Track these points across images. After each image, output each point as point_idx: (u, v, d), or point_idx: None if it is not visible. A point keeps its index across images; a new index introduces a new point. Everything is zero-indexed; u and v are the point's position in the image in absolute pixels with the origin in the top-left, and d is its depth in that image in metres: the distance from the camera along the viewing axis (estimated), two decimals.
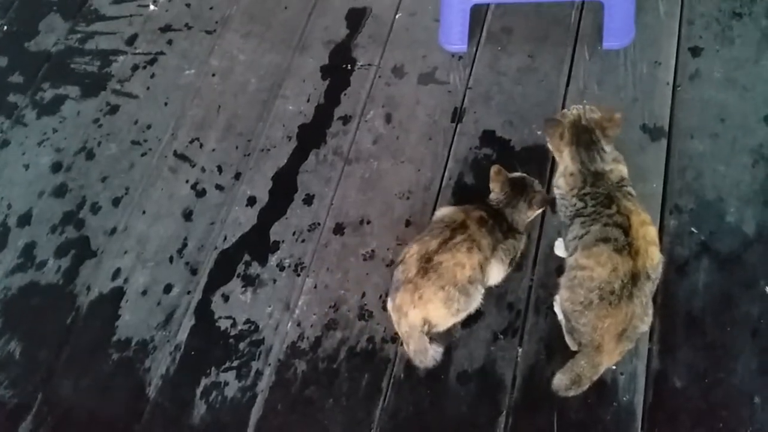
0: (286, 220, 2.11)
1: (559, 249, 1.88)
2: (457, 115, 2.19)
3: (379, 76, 2.32)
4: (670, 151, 2.00)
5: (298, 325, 1.94)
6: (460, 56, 2.31)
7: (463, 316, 1.75)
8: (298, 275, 2.01)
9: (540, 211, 1.83)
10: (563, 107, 2.13)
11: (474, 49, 2.31)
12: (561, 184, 1.72)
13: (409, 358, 1.74)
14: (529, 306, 1.87)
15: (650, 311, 1.61)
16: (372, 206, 2.09)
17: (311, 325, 1.93)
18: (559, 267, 1.85)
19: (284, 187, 2.17)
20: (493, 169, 1.78)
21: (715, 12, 2.23)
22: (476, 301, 1.74)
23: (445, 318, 1.74)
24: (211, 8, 2.59)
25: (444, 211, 1.77)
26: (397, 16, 2.44)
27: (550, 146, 1.74)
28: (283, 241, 2.07)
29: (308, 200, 2.13)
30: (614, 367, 1.73)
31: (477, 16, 2.35)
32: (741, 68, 2.11)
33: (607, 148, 1.66)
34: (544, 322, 1.83)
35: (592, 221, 1.62)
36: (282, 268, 2.03)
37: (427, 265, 1.66)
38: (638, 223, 1.56)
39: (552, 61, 2.23)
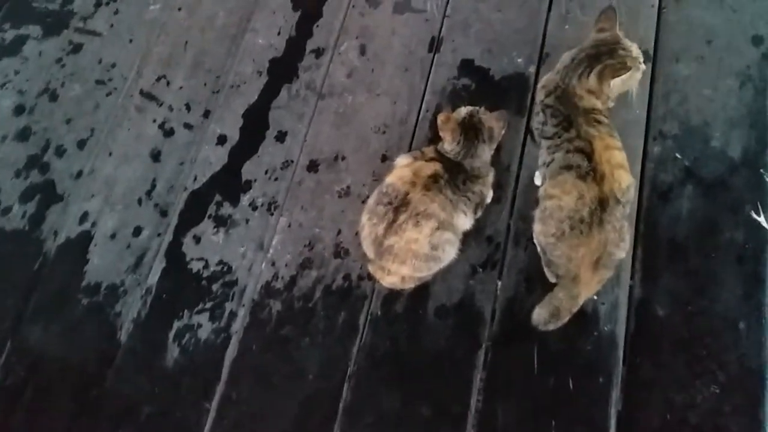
0: (258, 158, 2.02)
1: (540, 179, 1.81)
2: (435, 45, 2.08)
3: (353, 6, 2.20)
4: (655, 76, 1.90)
5: (273, 264, 1.87)
6: None
7: (444, 264, 1.69)
8: (272, 214, 1.94)
9: (502, 131, 1.71)
10: (545, 33, 2.02)
11: None
12: (543, 80, 1.65)
13: (387, 295, 1.69)
14: (508, 239, 1.80)
15: (627, 237, 1.55)
16: (347, 142, 2.00)
17: (286, 265, 1.87)
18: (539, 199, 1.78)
19: (255, 124, 2.07)
20: (440, 117, 1.67)
21: None
22: (451, 253, 1.68)
23: (423, 275, 1.69)
24: None
25: (390, 179, 1.64)
26: None
27: None
28: (255, 180, 1.99)
29: (281, 137, 2.04)
30: (595, 297, 1.68)
31: None
32: None
33: (593, 80, 1.56)
34: (524, 254, 1.77)
35: (556, 147, 1.55)
36: (255, 208, 1.95)
37: (380, 248, 1.60)
38: (602, 148, 1.49)
39: None
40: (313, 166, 1.98)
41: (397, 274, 1.67)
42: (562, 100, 1.55)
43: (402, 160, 1.69)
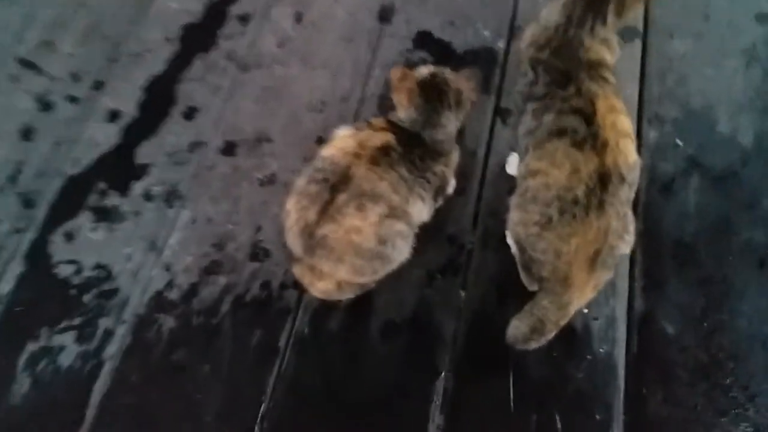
0: (159, 138, 1.62)
1: (512, 166, 1.48)
2: (386, 14, 1.77)
3: None
4: (646, 53, 1.63)
5: (167, 269, 1.45)
6: None
7: (394, 266, 1.31)
8: (171, 206, 1.53)
9: (470, 107, 1.37)
10: (516, 4, 1.74)
11: None
12: (526, 36, 1.30)
13: (318, 308, 1.29)
14: (475, 238, 1.45)
15: (631, 227, 1.21)
16: (274, 120, 1.63)
17: (185, 270, 1.45)
18: (512, 189, 1.42)
19: (159, 98, 1.68)
20: (395, 73, 1.31)
21: None
22: (403, 251, 1.30)
23: (366, 279, 1.32)
24: None
25: (327, 151, 1.27)
26: None
27: None
28: (153, 165, 1.59)
29: (190, 114, 1.66)
30: (585, 311, 1.34)
31: None
32: None
33: (611, 18, 1.22)
34: (494, 257, 1.42)
35: (545, 109, 1.21)
36: (149, 198, 1.54)
37: (311, 241, 1.21)
38: (606, 109, 1.17)
39: None
40: (229, 149, 1.60)
41: (331, 278, 1.29)
42: (562, 53, 1.23)
43: (343, 132, 1.32)
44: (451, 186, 1.48)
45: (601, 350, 1.31)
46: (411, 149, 1.29)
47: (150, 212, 1.52)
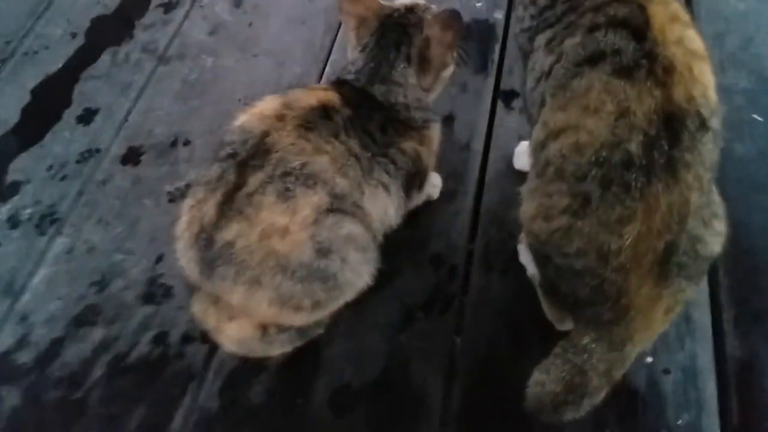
0: (42, 148, 1.24)
1: (522, 159, 1.06)
2: None
3: None
4: (692, 13, 1.25)
5: (23, 320, 1.02)
6: None
7: (346, 297, 0.87)
8: (42, 234, 1.11)
9: (449, 72, 0.96)
10: None
11: None
12: None
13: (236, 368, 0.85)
14: (472, 260, 1.01)
15: (721, 211, 0.78)
16: (196, 119, 1.25)
17: (47, 320, 1.02)
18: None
19: (50, 100, 1.31)
20: None
21: None
22: (360, 269, 0.86)
23: (302, 320, 0.87)
24: None
25: (240, 119, 0.86)
26: None
27: None
28: (27, 182, 1.19)
29: (87, 117, 1.28)
30: (649, 359, 0.87)
31: None
32: None
33: None
34: (501, 284, 0.98)
35: (566, 30, 0.80)
36: (15, 224, 1.13)
37: (208, 252, 0.79)
38: (666, 17, 0.75)
39: None
40: (132, 156, 1.20)
41: (247, 317, 0.84)
42: None
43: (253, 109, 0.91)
44: (436, 186, 1.06)
45: (680, 422, 0.83)
46: (365, 113, 0.88)
47: (12, 243, 1.11)
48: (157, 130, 1.24)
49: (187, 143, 1.21)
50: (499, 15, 1.33)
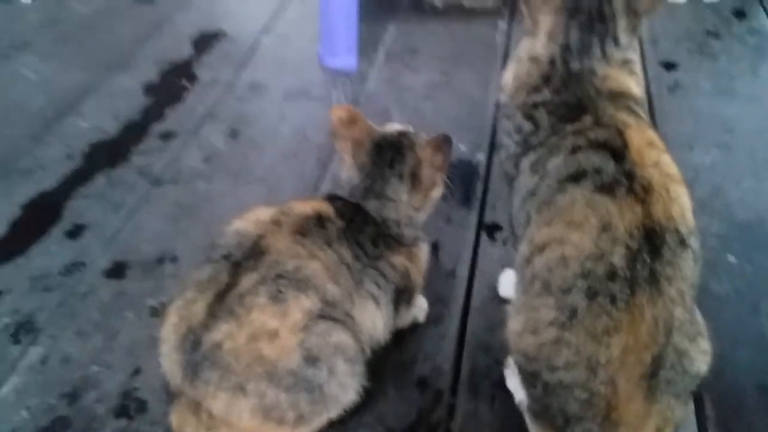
0: (27, 259, 1.26)
1: (507, 286, 1.11)
2: None
3: (229, 92, 1.69)
4: None
5: None
6: (346, 74, 1.73)
7: (330, 413, 0.89)
8: (17, 342, 1.11)
9: (438, 192, 1.04)
10: (494, 121, 1.52)
11: (367, 67, 1.75)
12: (507, 82, 1.00)
13: None
14: (458, 385, 1.02)
15: (704, 330, 0.82)
16: (184, 239, 1.29)
17: (13, 431, 0.98)
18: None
19: (39, 215, 1.36)
20: (337, 112, 1.01)
21: (683, 32, 1.81)
22: (346, 386, 0.89)
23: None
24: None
25: (235, 224, 0.92)
26: (262, 38, 1.90)
27: (522, 5, 0.99)
28: (8, 291, 1.20)
29: (75, 232, 1.32)
30: None
31: (373, 36, 1.85)
32: (736, 80, 1.62)
33: (624, 36, 0.94)
34: (488, 410, 0.99)
35: (550, 153, 0.88)
36: None
37: (194, 354, 0.82)
38: (643, 143, 0.84)
39: (475, 77, 1.68)
40: (117, 271, 1.23)
41: (229, 427, 0.83)
42: (569, 88, 0.93)
43: (248, 215, 0.96)
44: (422, 309, 1.09)
45: None
46: (358, 226, 0.94)
47: None
48: (145, 247, 1.28)
49: (173, 260, 1.25)
50: (482, 156, 1.45)
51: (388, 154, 0.99)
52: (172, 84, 1.73)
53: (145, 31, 1.95)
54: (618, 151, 0.83)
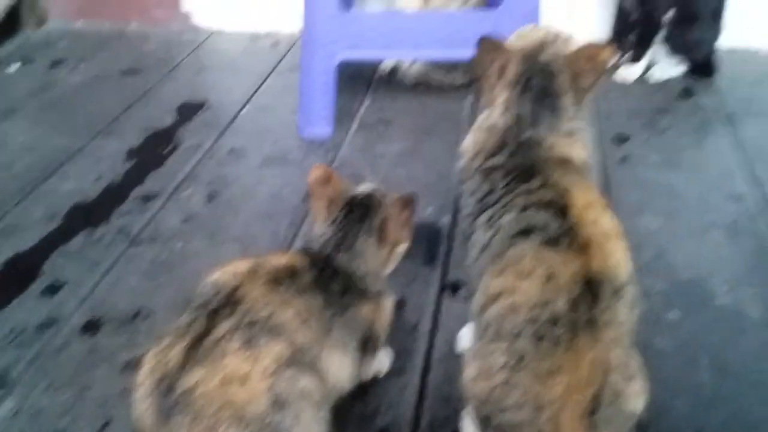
0: (3, 316, 1.30)
1: (464, 342, 1.17)
2: None
3: (209, 158, 1.77)
4: None
5: None
6: (322, 141, 1.82)
7: None
8: None
9: (404, 248, 1.11)
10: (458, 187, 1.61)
11: (343, 136, 1.85)
12: (467, 148, 1.09)
13: None
14: None
15: (639, 374, 0.88)
16: (160, 295, 1.34)
17: None
18: None
19: (19, 273, 1.40)
20: (315, 173, 1.07)
21: (635, 108, 1.94)
22: (312, 429, 0.93)
23: None
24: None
25: (212, 276, 0.96)
26: (244, 109, 2.00)
27: (478, 85, 1.12)
28: None
29: (52, 290, 1.36)
30: None
31: (348, 108, 1.97)
32: (682, 153, 1.74)
33: (571, 109, 1.05)
34: None
35: (503, 210, 0.97)
36: None
37: (167, 399, 0.84)
38: (584, 203, 0.93)
39: (443, 146, 1.78)
40: (91, 327, 1.27)
41: None
42: (521, 152, 1.03)
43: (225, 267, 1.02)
44: (386, 361, 1.14)
45: None
46: (328, 278, 1.00)
47: None
48: (121, 303, 1.32)
49: (148, 316, 1.29)
50: (446, 219, 1.52)
51: (358, 211, 1.06)
52: (154, 149, 1.81)
53: (130, 101, 2.05)
54: (562, 209, 0.91)
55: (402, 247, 1.10)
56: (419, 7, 1.95)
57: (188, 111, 1.99)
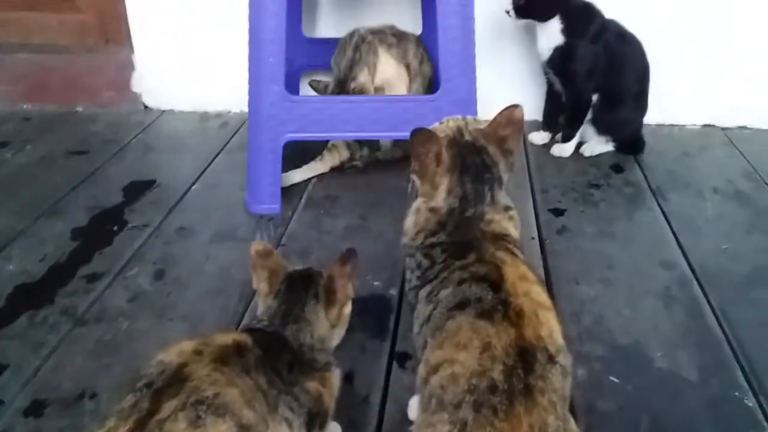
0: None
1: (416, 410, 1.19)
2: None
3: (157, 236, 1.78)
4: (554, 297, 1.52)
5: None
6: (270, 217, 1.86)
7: None
8: None
9: (348, 309, 1.13)
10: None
11: (290, 212, 1.89)
12: (408, 228, 1.15)
13: None
14: None
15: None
16: (105, 376, 1.32)
17: None
18: None
19: None
20: (256, 246, 1.12)
21: (569, 183, 2.06)
22: None
23: None
24: None
25: (157, 356, 0.95)
26: (193, 187, 2.03)
27: (414, 175, 1.16)
28: None
29: None
30: None
31: (296, 186, 2.02)
32: (615, 224, 1.84)
33: (504, 176, 1.14)
34: None
35: (441, 285, 1.02)
36: None
37: None
38: (516, 276, 0.99)
39: (390, 220, 1.84)
40: (35, 409, 1.24)
41: None
42: (460, 230, 1.09)
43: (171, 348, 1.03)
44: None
45: None
46: (274, 354, 1.01)
47: None
48: (65, 384, 1.29)
49: (93, 396, 1.26)
50: (394, 291, 1.56)
51: (300, 281, 1.09)
52: (100, 229, 1.81)
53: (77, 181, 2.05)
54: (496, 283, 0.96)
55: (348, 308, 1.12)
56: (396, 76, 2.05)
57: (136, 190, 2.01)
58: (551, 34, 2.08)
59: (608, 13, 2.11)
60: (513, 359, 0.88)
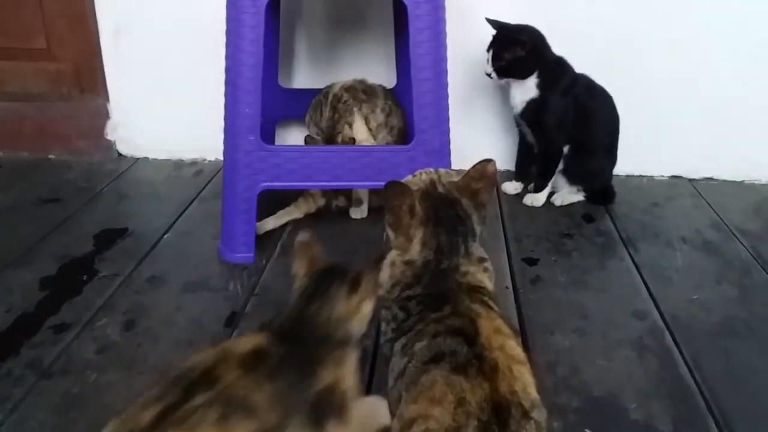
0: None
1: None
2: (235, 320, 1.61)
3: (127, 286, 1.75)
4: (529, 348, 1.53)
5: None
6: (244, 267, 1.85)
7: None
8: None
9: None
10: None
11: (264, 261, 1.88)
12: (384, 280, 1.15)
13: None
14: None
15: None
16: (71, 430, 1.28)
17: None
18: None
19: None
20: (298, 238, 1.18)
21: (542, 233, 2.08)
22: None
23: None
24: None
25: (193, 358, 0.99)
26: (165, 236, 2.01)
27: (388, 227, 1.17)
28: None
29: None
30: None
31: (270, 234, 2.02)
32: (587, 274, 1.86)
33: (478, 228, 1.15)
34: None
35: (416, 337, 1.02)
36: None
37: None
38: (490, 330, 1.00)
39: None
40: None
41: None
42: (433, 284, 1.10)
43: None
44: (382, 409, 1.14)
45: None
46: (294, 353, 1.01)
47: None
48: None
49: None
50: (369, 342, 1.55)
51: (334, 268, 1.13)
52: (69, 278, 1.78)
53: (47, 229, 2.03)
54: (470, 336, 0.97)
55: (368, 307, 1.11)
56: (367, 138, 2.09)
57: (108, 239, 1.99)
58: (526, 88, 2.14)
59: (579, 66, 2.18)
60: (487, 414, 0.88)
